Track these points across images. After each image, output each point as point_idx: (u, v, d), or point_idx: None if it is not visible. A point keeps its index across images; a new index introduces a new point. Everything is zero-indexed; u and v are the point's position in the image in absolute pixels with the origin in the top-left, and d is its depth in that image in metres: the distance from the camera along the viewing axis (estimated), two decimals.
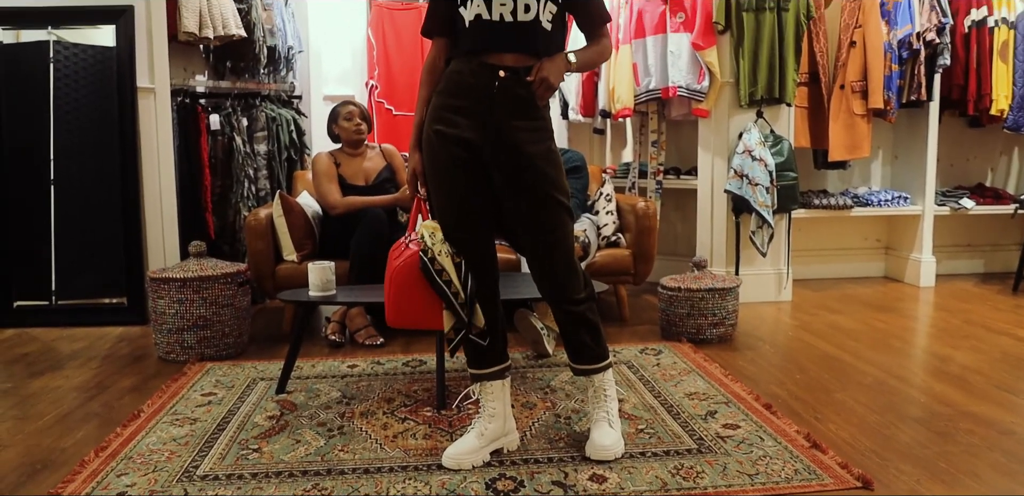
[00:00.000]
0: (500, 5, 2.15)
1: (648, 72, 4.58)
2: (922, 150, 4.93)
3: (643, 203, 4.12)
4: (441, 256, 2.24)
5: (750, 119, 4.44)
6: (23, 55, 4.16)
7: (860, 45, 4.63)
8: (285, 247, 3.91)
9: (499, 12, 2.15)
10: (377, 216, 3.82)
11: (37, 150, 4.14)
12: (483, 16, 2.16)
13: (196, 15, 4.38)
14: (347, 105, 4.12)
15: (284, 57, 4.90)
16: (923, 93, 4.72)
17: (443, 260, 2.24)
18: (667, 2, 4.48)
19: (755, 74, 4.36)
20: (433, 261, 2.23)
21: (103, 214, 4.18)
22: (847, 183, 5.28)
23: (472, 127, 2.20)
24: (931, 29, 4.63)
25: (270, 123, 4.74)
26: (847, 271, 5.33)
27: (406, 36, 5.17)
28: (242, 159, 4.59)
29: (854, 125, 4.72)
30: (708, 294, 3.67)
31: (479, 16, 2.16)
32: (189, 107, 4.49)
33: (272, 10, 4.76)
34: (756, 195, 4.28)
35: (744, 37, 4.34)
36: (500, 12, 2.15)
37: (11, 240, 4.17)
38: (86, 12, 4.14)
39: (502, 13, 2.15)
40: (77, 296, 4.22)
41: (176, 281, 3.42)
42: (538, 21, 2.16)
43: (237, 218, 4.59)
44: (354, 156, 4.15)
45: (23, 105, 4.15)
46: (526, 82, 2.17)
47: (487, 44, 2.19)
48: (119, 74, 4.15)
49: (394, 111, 5.16)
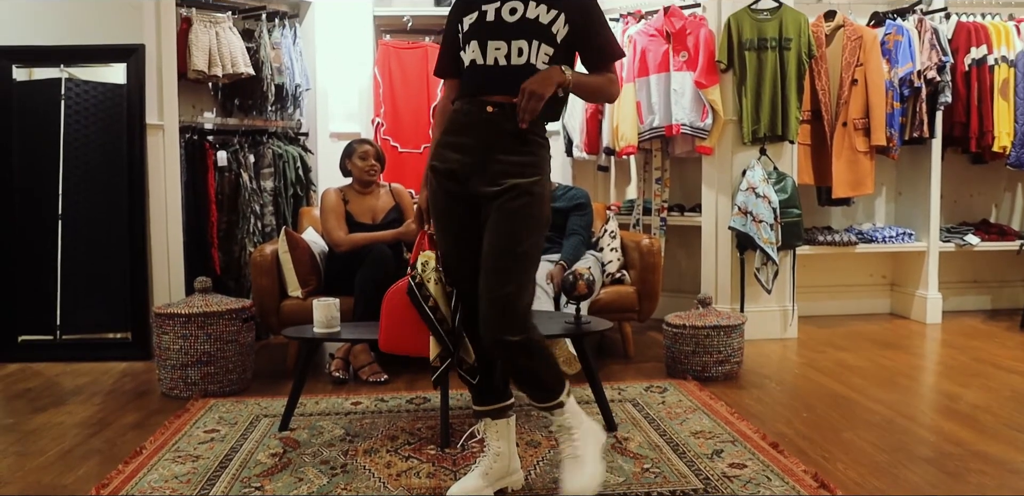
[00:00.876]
0: (495, 49, 2.19)
1: (652, 110, 4.62)
2: (926, 187, 4.95)
3: (647, 240, 4.13)
4: (430, 283, 2.26)
5: (753, 156, 4.46)
6: (36, 92, 4.22)
7: (862, 83, 4.67)
8: (290, 283, 3.91)
9: (494, 56, 2.19)
10: (382, 253, 3.83)
11: (46, 185, 4.17)
12: (477, 61, 2.21)
13: (206, 53, 4.45)
14: (364, 144, 4.16)
15: (292, 95, 4.95)
16: (925, 130, 4.75)
17: (432, 287, 2.26)
18: (670, 41, 4.54)
19: (758, 112, 4.39)
20: (421, 286, 2.26)
21: (109, 249, 4.19)
22: (851, 220, 5.29)
23: (462, 161, 2.22)
24: (932, 67, 4.68)
25: (277, 160, 4.78)
26: (853, 308, 5.32)
27: (412, 74, 5.23)
28: (248, 195, 4.62)
29: (857, 162, 4.75)
30: (713, 331, 3.66)
31: (474, 61, 2.22)
32: (197, 144, 4.53)
33: (280, 49, 4.83)
34: (760, 232, 4.29)
35: (747, 76, 4.38)
36: (495, 56, 2.19)
37: (17, 274, 4.18)
38: (98, 51, 4.20)
39: (496, 57, 2.19)
40: (81, 331, 4.22)
41: (181, 317, 3.42)
42: (531, 65, 2.18)
43: (243, 254, 4.61)
44: (363, 194, 4.17)
45: (34, 141, 4.19)
46: (513, 116, 2.16)
47: (482, 87, 2.22)
48: (129, 111, 4.20)
49: (399, 148, 5.19)
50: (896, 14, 4.88)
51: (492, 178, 2.19)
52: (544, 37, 2.20)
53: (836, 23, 4.71)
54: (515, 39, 2.18)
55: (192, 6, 4.51)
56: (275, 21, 4.87)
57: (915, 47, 4.69)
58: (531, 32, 2.19)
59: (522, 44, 2.18)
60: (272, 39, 4.81)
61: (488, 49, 2.20)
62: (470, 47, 2.22)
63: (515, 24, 2.19)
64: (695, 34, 4.47)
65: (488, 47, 2.19)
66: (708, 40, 4.43)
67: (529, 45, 2.18)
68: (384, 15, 5.30)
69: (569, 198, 4.25)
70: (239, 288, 4.65)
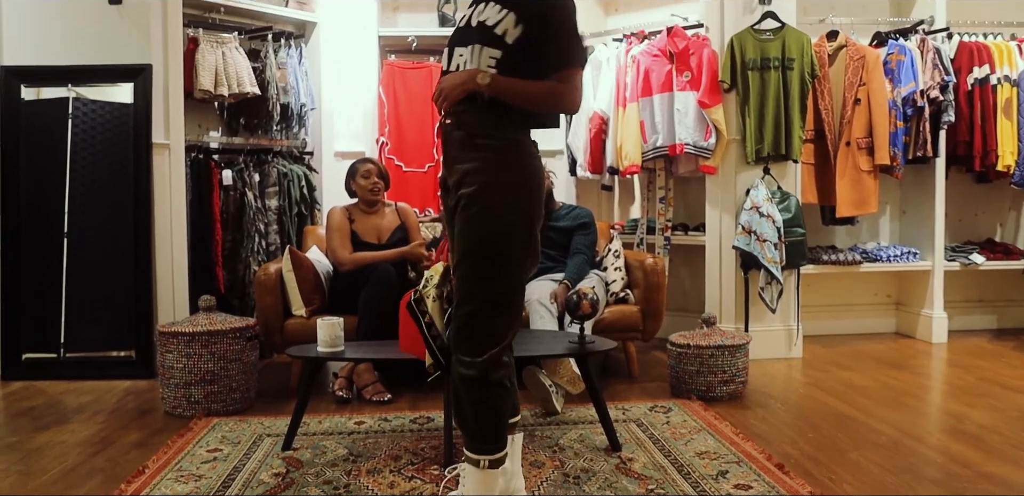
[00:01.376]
0: (459, 56, 2.20)
1: (655, 130, 4.64)
2: (930, 206, 4.94)
3: (651, 259, 4.13)
4: (429, 299, 2.31)
5: (757, 176, 4.47)
6: (43, 111, 4.24)
7: (865, 102, 4.69)
8: (294, 302, 3.91)
9: (456, 63, 2.20)
10: (386, 272, 3.82)
11: (52, 203, 4.19)
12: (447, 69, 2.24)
13: (212, 73, 4.48)
14: (366, 163, 4.18)
15: (297, 114, 4.98)
16: (929, 149, 4.76)
17: (430, 304, 2.32)
18: (673, 61, 4.56)
19: (761, 131, 4.41)
20: (420, 302, 2.33)
21: (114, 267, 4.20)
22: (855, 239, 5.29)
23: (447, 173, 2.24)
24: (934, 87, 4.69)
25: (281, 179, 4.80)
26: (858, 327, 5.30)
27: (416, 94, 5.26)
28: (253, 214, 4.64)
29: (861, 181, 4.75)
30: (718, 351, 3.64)
31: (443, 71, 2.25)
32: (203, 162, 4.55)
33: (286, 69, 4.86)
34: (764, 251, 4.29)
35: (750, 95, 4.40)
36: (457, 63, 2.20)
37: (22, 291, 4.19)
38: (106, 71, 4.23)
39: (458, 64, 2.19)
40: (85, 349, 4.21)
41: (185, 335, 3.42)
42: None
43: (247, 272, 4.62)
44: (369, 213, 4.18)
45: (41, 159, 4.21)
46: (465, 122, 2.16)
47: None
48: (135, 130, 4.22)
49: (404, 167, 5.21)
50: (898, 34, 4.90)
51: (453, 190, 2.19)
52: (489, 40, 2.13)
53: (838, 43, 4.73)
54: (466, 45, 2.18)
55: (199, 27, 4.55)
56: (281, 41, 4.91)
57: (918, 67, 4.71)
58: (478, 36, 2.15)
59: (468, 51, 2.17)
60: (278, 59, 4.84)
61: (454, 57, 2.22)
62: (444, 55, 2.26)
63: (474, 29, 2.18)
64: (698, 54, 4.49)
65: (454, 54, 2.22)
66: (711, 60, 4.45)
67: (473, 50, 2.15)
68: (389, 35, 5.34)
69: (573, 217, 4.26)
70: (243, 306, 4.66)
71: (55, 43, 4.23)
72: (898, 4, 5.19)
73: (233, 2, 4.72)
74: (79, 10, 4.23)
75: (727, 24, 4.48)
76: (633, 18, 5.22)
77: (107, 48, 4.22)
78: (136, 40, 4.22)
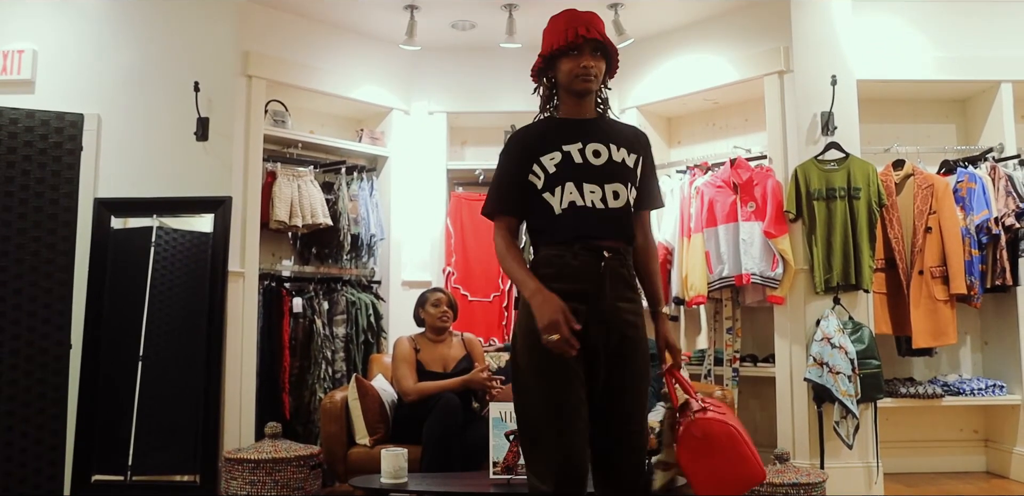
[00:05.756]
0: (590, 192, 2.20)
1: (721, 260, 4.63)
2: (1014, 336, 4.75)
3: (720, 391, 4.03)
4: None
5: (827, 306, 4.39)
6: (129, 239, 4.42)
7: (936, 230, 4.63)
8: (358, 430, 3.89)
9: (590, 199, 2.20)
10: (451, 402, 3.80)
11: (130, 327, 4.30)
12: (577, 203, 2.20)
13: (288, 205, 4.67)
14: (436, 292, 4.25)
15: (366, 244, 5.12)
16: (1008, 278, 4.63)
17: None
18: (737, 192, 4.61)
19: (829, 261, 4.37)
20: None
21: (185, 392, 4.24)
22: (935, 371, 5.09)
23: (579, 311, 2.12)
24: (1009, 214, 4.62)
25: (350, 307, 4.88)
26: (944, 465, 5.01)
27: (483, 225, 5.36)
28: (321, 341, 4.69)
29: (937, 311, 4.62)
30: (792, 489, 3.48)
31: (573, 203, 2.20)
32: (274, 290, 4.67)
33: (358, 201, 5.05)
34: (838, 384, 4.15)
35: (816, 225, 4.39)
36: (591, 199, 2.20)
37: (97, 413, 4.23)
38: (189, 202, 4.43)
39: (592, 200, 2.20)
40: (152, 472, 4.20)
41: (250, 462, 3.41)
42: (628, 207, 2.25)
43: (312, 399, 4.62)
44: (436, 342, 4.20)
45: (123, 284, 4.35)
46: (624, 261, 2.23)
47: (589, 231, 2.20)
48: (213, 258, 4.37)
49: (470, 297, 5.27)
50: (967, 162, 4.89)
51: (618, 327, 2.19)
52: (633, 180, 2.28)
53: (905, 172, 4.74)
54: (608, 182, 2.22)
55: (278, 161, 4.78)
56: (354, 174, 5.12)
57: (990, 194, 4.66)
58: (623, 176, 2.25)
59: (617, 187, 2.22)
60: (350, 191, 5.04)
61: (584, 191, 2.20)
62: (565, 189, 2.20)
63: (605, 167, 2.23)
64: (762, 185, 4.54)
65: (584, 189, 2.20)
66: (775, 190, 4.49)
67: (625, 188, 2.24)
68: (457, 168, 5.53)
69: None
70: (307, 433, 4.63)
71: (144, 176, 4.47)
72: (965, 132, 5.20)
73: (310, 138, 4.98)
74: (168, 145, 4.49)
75: (791, 155, 4.55)
76: (696, 150, 5.33)
77: (192, 181, 4.44)
78: (219, 173, 4.45)
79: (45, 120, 3.85)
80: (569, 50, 2.24)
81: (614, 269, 2.20)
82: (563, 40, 2.23)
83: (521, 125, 2.41)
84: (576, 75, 2.23)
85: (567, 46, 2.23)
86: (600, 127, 2.31)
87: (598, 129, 2.29)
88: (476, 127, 5.69)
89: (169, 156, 4.49)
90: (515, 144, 2.29)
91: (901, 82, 4.84)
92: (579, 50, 2.23)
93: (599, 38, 2.24)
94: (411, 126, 5.46)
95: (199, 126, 4.44)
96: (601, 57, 2.27)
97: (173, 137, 4.48)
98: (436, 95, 5.50)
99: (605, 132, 2.29)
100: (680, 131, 5.53)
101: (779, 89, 4.62)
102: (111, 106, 4.54)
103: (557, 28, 2.27)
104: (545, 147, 2.24)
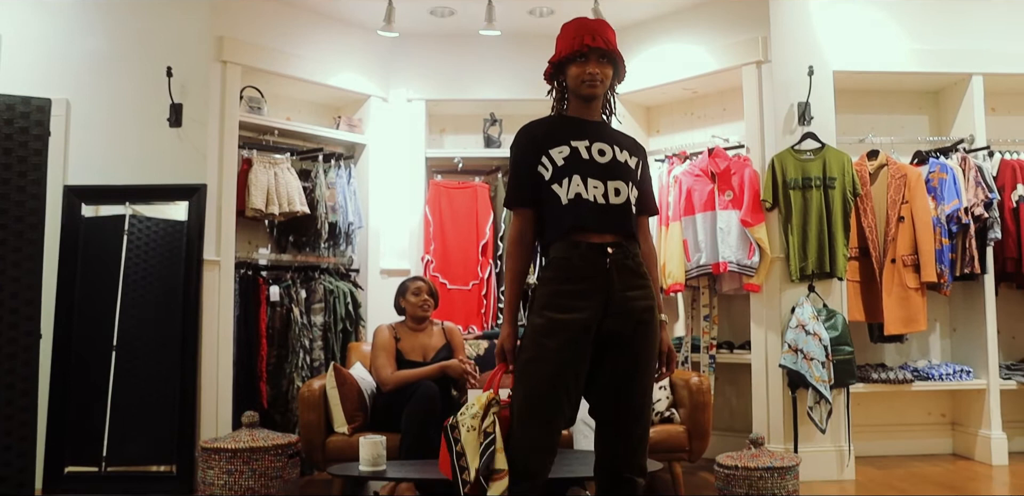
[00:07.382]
0: (593, 187, 2.31)
1: (698, 248, 4.67)
2: (981, 323, 4.84)
3: (697, 378, 4.07)
4: (463, 427, 2.27)
5: (802, 293, 4.45)
6: (100, 227, 4.38)
7: (908, 220, 4.70)
8: (336, 419, 3.89)
9: (593, 194, 2.31)
10: (429, 389, 3.80)
11: (103, 317, 4.26)
12: (583, 195, 2.31)
13: (264, 193, 4.63)
14: (416, 281, 4.24)
15: (344, 232, 5.10)
16: (976, 266, 4.71)
17: (464, 434, 2.26)
18: (715, 181, 4.64)
19: (805, 249, 4.42)
20: (454, 428, 2.29)
21: (159, 382, 4.22)
22: (905, 357, 5.17)
23: (591, 307, 2.26)
24: (978, 204, 4.69)
25: (327, 295, 4.86)
26: (912, 448, 5.11)
27: (461, 213, 5.37)
28: (299, 330, 4.68)
29: (908, 298, 4.70)
30: (767, 473, 3.54)
31: (579, 195, 2.31)
32: (251, 279, 4.64)
33: (335, 188, 5.02)
34: (812, 370, 4.21)
35: (792, 214, 4.44)
36: (594, 194, 2.31)
37: (70, 404, 4.20)
38: (163, 190, 4.40)
39: (595, 195, 2.31)
40: (127, 463, 4.18)
41: (227, 452, 3.41)
42: (629, 204, 2.35)
43: (290, 388, 4.61)
44: (416, 331, 4.20)
45: (95, 273, 4.31)
46: (629, 253, 2.31)
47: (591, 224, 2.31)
48: (187, 246, 4.34)
49: (448, 285, 5.27)
50: (939, 153, 4.95)
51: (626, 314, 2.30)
52: (634, 179, 2.41)
53: (879, 162, 4.79)
54: (611, 179, 2.33)
55: (253, 148, 4.75)
56: (331, 162, 5.09)
57: (960, 184, 4.73)
58: (625, 174, 2.37)
59: (619, 185, 2.33)
60: (328, 179, 5.01)
61: (588, 186, 2.31)
62: (571, 181, 2.31)
63: (609, 164, 2.35)
64: (740, 174, 4.57)
65: (588, 184, 2.31)
66: (752, 179, 4.52)
67: (627, 186, 2.35)
68: (436, 156, 5.50)
69: None
70: (285, 422, 4.63)
71: (116, 163, 4.42)
72: (938, 123, 5.27)
73: (287, 125, 4.94)
74: (141, 131, 4.44)
75: (768, 145, 4.58)
76: (674, 139, 5.36)
77: (165, 168, 4.40)
78: (193, 160, 4.40)
79: (10, 104, 3.75)
80: (576, 57, 2.39)
81: (619, 262, 2.30)
82: (571, 48, 2.39)
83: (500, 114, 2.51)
84: (583, 80, 2.39)
85: (574, 53, 2.38)
86: (605, 130, 2.46)
87: (603, 131, 2.45)
88: (455, 115, 5.67)
89: (141, 142, 4.44)
90: (524, 135, 2.44)
91: (877, 73, 4.88)
92: (586, 57, 2.38)
93: (604, 47, 2.38)
94: (389, 113, 5.43)
95: (172, 112, 4.40)
96: (607, 64, 2.43)
97: (145, 123, 4.43)
98: (414, 82, 5.46)
99: (610, 135, 2.45)
100: (659, 120, 5.55)
101: (757, 79, 4.65)
102: (80, 91, 4.48)
103: (567, 36, 2.43)
104: (554, 140, 2.37)
